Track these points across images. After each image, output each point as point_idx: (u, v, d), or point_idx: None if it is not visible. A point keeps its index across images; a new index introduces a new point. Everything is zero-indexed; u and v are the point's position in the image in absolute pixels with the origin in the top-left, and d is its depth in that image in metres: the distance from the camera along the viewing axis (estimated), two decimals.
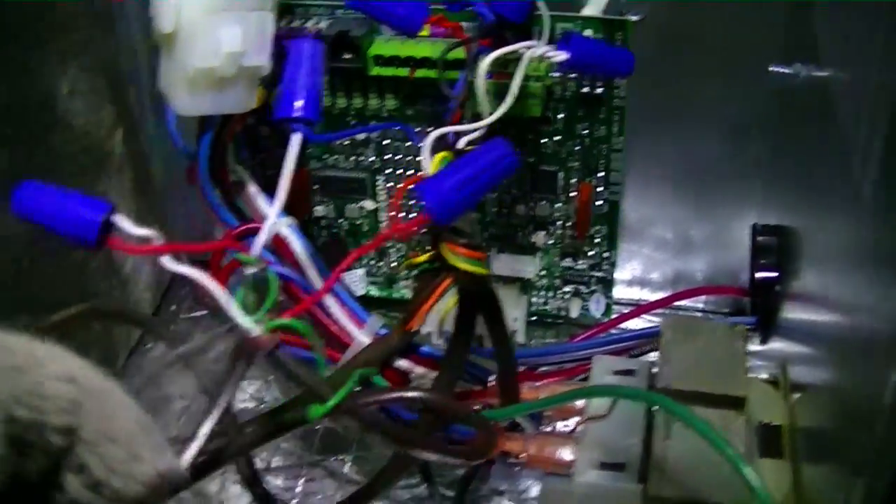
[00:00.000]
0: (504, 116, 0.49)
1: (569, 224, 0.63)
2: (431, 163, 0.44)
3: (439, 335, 0.54)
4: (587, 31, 0.56)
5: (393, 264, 0.67)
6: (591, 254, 0.64)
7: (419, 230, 0.44)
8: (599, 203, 0.62)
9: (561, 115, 0.60)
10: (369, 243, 0.59)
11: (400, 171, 0.63)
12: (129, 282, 0.67)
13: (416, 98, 0.60)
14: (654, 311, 0.65)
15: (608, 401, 0.50)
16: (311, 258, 0.52)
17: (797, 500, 0.47)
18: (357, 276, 0.66)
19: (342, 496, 0.59)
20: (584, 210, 0.62)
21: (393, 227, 0.45)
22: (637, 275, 0.69)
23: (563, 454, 0.49)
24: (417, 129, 0.61)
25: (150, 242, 0.40)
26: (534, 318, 0.67)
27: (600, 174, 0.61)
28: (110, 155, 0.64)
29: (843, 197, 0.44)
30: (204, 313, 0.70)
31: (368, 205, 0.64)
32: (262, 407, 0.64)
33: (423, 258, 0.48)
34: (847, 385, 0.42)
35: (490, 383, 0.53)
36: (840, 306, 0.44)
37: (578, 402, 0.51)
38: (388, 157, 0.63)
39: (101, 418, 0.31)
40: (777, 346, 0.58)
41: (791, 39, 0.57)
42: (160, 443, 0.34)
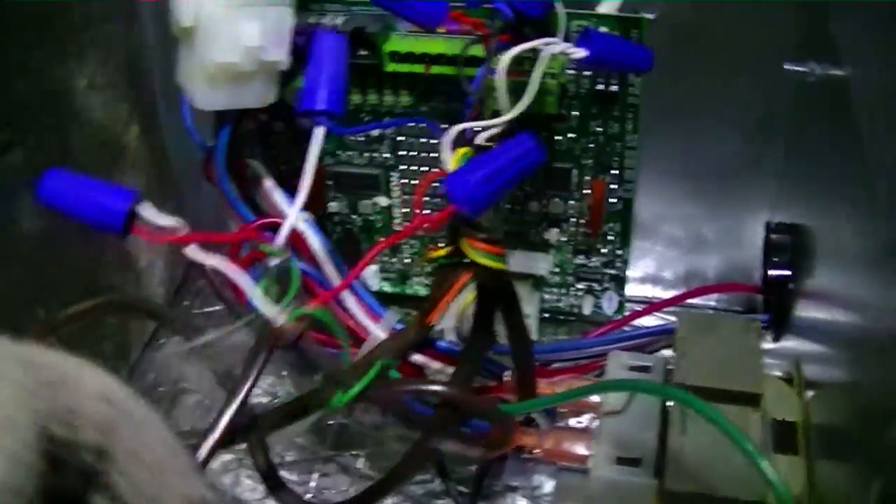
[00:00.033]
0: (520, 113, 0.49)
1: (582, 221, 0.63)
2: (452, 158, 0.45)
3: (456, 332, 0.54)
4: (602, 29, 0.56)
5: (406, 261, 0.67)
6: (604, 251, 0.64)
7: (446, 223, 0.44)
8: (613, 200, 0.62)
9: (575, 113, 0.60)
10: (395, 235, 0.59)
11: (414, 168, 0.63)
12: (143, 276, 0.68)
13: (430, 95, 0.60)
14: (666, 309, 0.65)
15: (624, 396, 0.50)
16: (328, 253, 0.52)
17: (812, 496, 0.47)
18: (370, 272, 0.67)
19: (356, 491, 0.59)
20: (598, 207, 0.62)
21: (420, 220, 0.45)
22: (649, 272, 0.69)
23: (579, 449, 0.50)
24: (433, 131, 0.61)
25: (175, 232, 0.40)
26: (546, 315, 0.67)
27: (614, 171, 0.61)
28: (126, 150, 0.64)
29: (858, 195, 0.44)
30: (217, 308, 0.70)
31: (382, 201, 0.64)
32: (275, 402, 0.64)
33: (441, 253, 0.48)
34: (862, 383, 0.42)
35: (505, 379, 0.53)
36: (854, 305, 0.44)
37: (593, 398, 0.51)
38: (403, 153, 0.63)
39: (132, 440, 0.31)
40: (790, 344, 0.58)
41: (806, 37, 0.57)
42: (189, 468, 0.34)
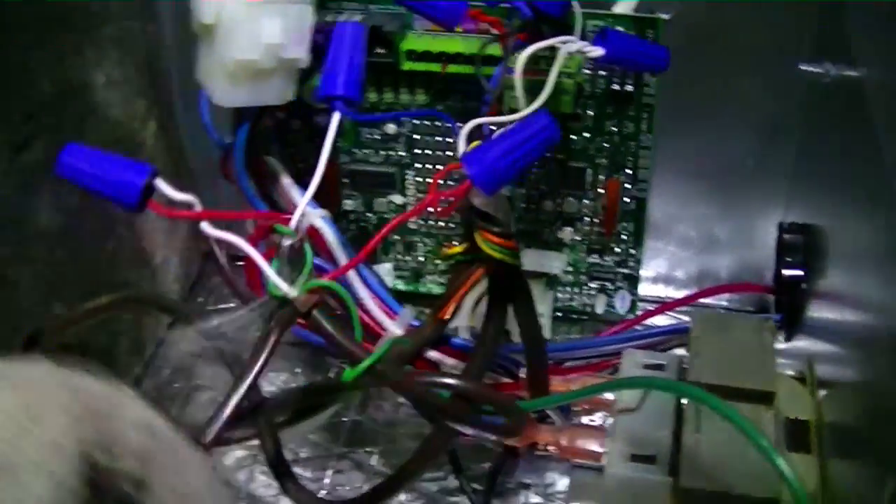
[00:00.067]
0: None
1: (596, 220, 0.64)
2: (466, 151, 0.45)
3: (469, 330, 0.54)
4: (618, 29, 0.57)
5: (420, 259, 0.67)
6: (617, 250, 0.65)
7: (463, 197, 0.44)
8: (627, 200, 0.63)
9: (591, 112, 0.60)
10: (412, 210, 0.60)
11: (430, 167, 0.63)
12: (158, 273, 0.68)
13: (446, 93, 0.60)
14: (678, 309, 0.65)
15: (638, 394, 0.51)
16: (343, 249, 0.52)
17: (825, 495, 0.48)
18: (384, 270, 0.67)
19: (370, 488, 0.60)
20: (612, 207, 0.62)
21: (436, 195, 0.45)
22: (662, 272, 0.69)
23: (594, 446, 0.50)
24: (448, 125, 0.61)
25: (190, 208, 0.40)
26: (559, 314, 0.68)
27: (628, 171, 0.62)
28: (143, 146, 0.64)
29: (872, 196, 0.44)
30: (231, 306, 0.70)
31: (397, 199, 0.65)
32: None
33: (457, 250, 0.49)
34: (874, 383, 0.42)
35: (520, 375, 0.53)
36: (867, 305, 0.45)
37: (607, 396, 0.51)
38: (418, 152, 0.63)
39: (170, 473, 0.32)
40: (802, 343, 0.58)
41: (821, 38, 0.57)
42: (225, 501, 0.34)
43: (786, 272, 0.59)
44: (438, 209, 0.47)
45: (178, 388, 0.67)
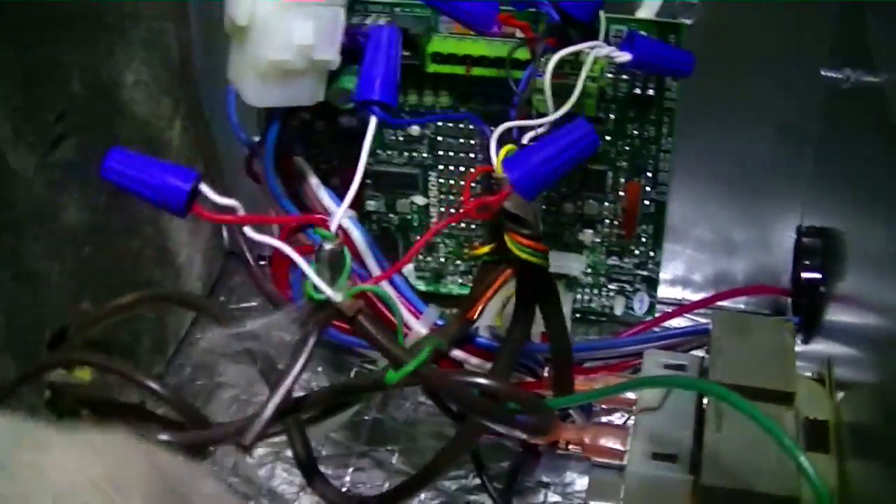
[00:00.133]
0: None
1: (616, 223, 0.64)
2: (498, 154, 0.46)
3: (490, 331, 0.54)
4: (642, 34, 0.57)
5: (441, 260, 0.68)
6: (636, 253, 0.65)
7: (501, 203, 0.45)
8: (646, 203, 0.63)
9: (612, 116, 0.61)
10: (450, 217, 0.61)
11: (452, 168, 0.64)
12: (181, 271, 0.69)
13: (469, 96, 0.61)
14: (696, 311, 0.66)
15: (659, 394, 0.51)
16: (370, 248, 0.53)
17: (843, 495, 0.48)
18: (405, 270, 0.67)
19: (390, 486, 0.60)
20: (632, 209, 0.63)
21: (475, 202, 0.46)
22: (679, 275, 0.69)
23: (617, 444, 0.50)
24: (471, 126, 0.62)
25: (233, 212, 0.41)
26: (578, 315, 0.68)
27: (649, 174, 0.62)
28: (169, 146, 0.65)
29: (891, 200, 0.45)
30: (253, 304, 0.71)
31: (420, 200, 0.65)
32: None
33: (485, 250, 0.49)
34: (893, 384, 0.43)
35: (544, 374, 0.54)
36: (886, 308, 0.45)
37: (629, 395, 0.52)
38: (441, 153, 0.64)
39: None
40: (820, 346, 0.59)
41: (841, 43, 0.58)
42: None
43: (804, 275, 0.60)
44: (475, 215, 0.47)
45: (200, 386, 0.67)
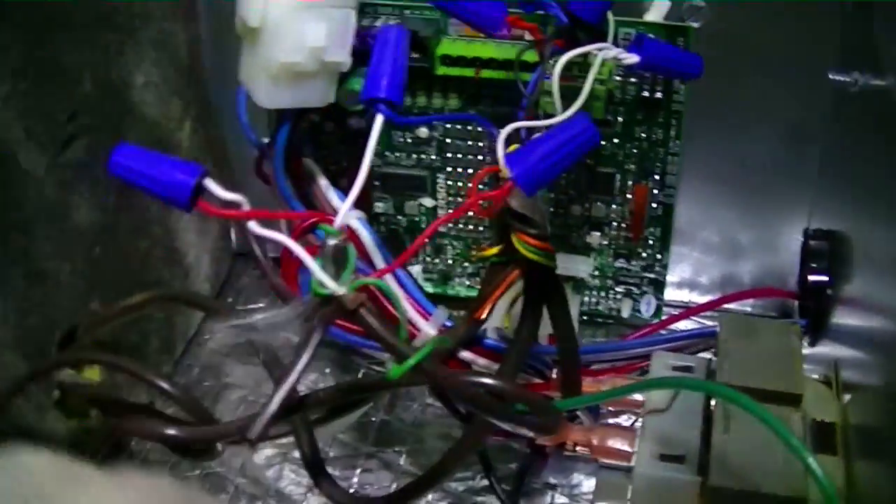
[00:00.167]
0: None
1: (623, 226, 0.64)
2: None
3: (497, 332, 0.55)
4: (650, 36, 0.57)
5: (449, 262, 0.68)
6: (644, 255, 0.65)
7: (505, 197, 0.45)
8: (654, 205, 0.63)
9: (620, 118, 0.61)
10: (454, 211, 0.61)
11: (460, 170, 0.64)
12: (190, 272, 0.69)
13: (478, 98, 0.61)
14: (702, 314, 0.66)
15: (667, 395, 0.51)
16: (379, 249, 0.53)
17: (851, 496, 0.48)
18: (413, 272, 0.67)
19: (397, 487, 0.60)
20: (640, 212, 0.63)
21: (477, 196, 0.46)
22: (686, 277, 0.69)
23: (624, 446, 0.51)
24: (479, 129, 0.62)
25: (238, 207, 0.41)
26: (585, 318, 0.69)
27: (656, 177, 0.62)
28: (178, 147, 0.65)
29: None
30: (261, 306, 0.71)
31: (427, 202, 0.66)
32: None
33: (493, 251, 0.49)
34: None
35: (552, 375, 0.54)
36: (894, 311, 0.45)
37: (637, 397, 0.52)
38: (449, 155, 0.64)
39: None
40: (827, 348, 0.59)
41: (849, 46, 0.58)
42: None
43: (811, 278, 0.60)
44: (479, 211, 0.47)
45: (208, 387, 0.67)
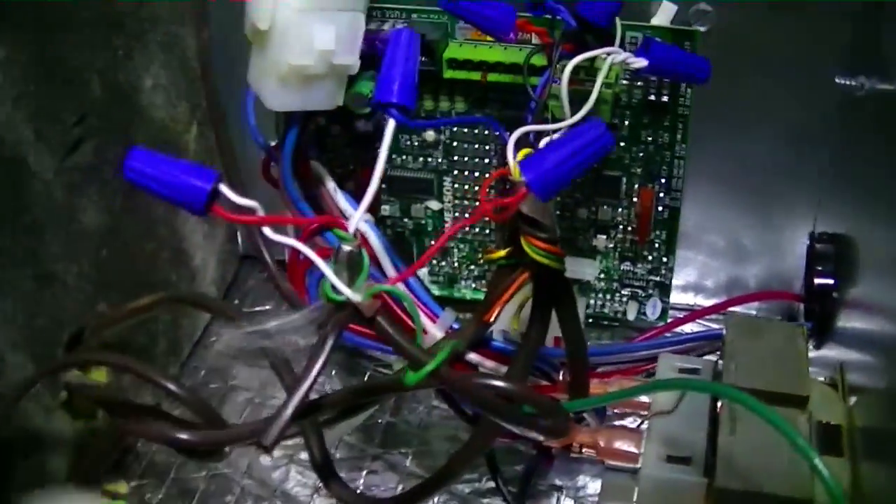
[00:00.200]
0: None
1: (629, 229, 0.64)
2: (516, 158, 0.46)
3: (503, 335, 0.55)
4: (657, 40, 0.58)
5: (455, 264, 0.68)
6: (650, 258, 0.66)
7: (518, 203, 0.45)
8: (660, 209, 0.64)
9: (627, 122, 0.61)
10: (469, 218, 0.62)
11: (467, 173, 0.64)
12: (196, 274, 0.69)
13: (485, 102, 0.61)
14: (708, 316, 0.66)
15: (673, 397, 0.51)
16: (387, 252, 0.53)
17: (856, 498, 0.48)
18: (420, 274, 0.68)
19: (403, 489, 0.60)
20: (646, 215, 0.63)
21: (490, 203, 0.46)
22: (692, 280, 0.70)
23: (631, 447, 0.51)
24: (486, 132, 0.62)
25: (252, 213, 0.41)
26: (591, 321, 0.69)
27: (662, 180, 0.62)
28: (186, 150, 0.65)
29: None
30: (267, 308, 0.71)
31: (434, 205, 0.66)
32: None
33: (501, 254, 0.49)
34: None
35: (560, 377, 0.54)
36: None
37: (643, 399, 0.52)
38: (456, 158, 0.64)
39: None
40: (832, 351, 0.59)
41: (856, 50, 0.58)
42: None
43: (817, 281, 0.60)
44: (491, 215, 0.47)
45: (214, 389, 0.68)
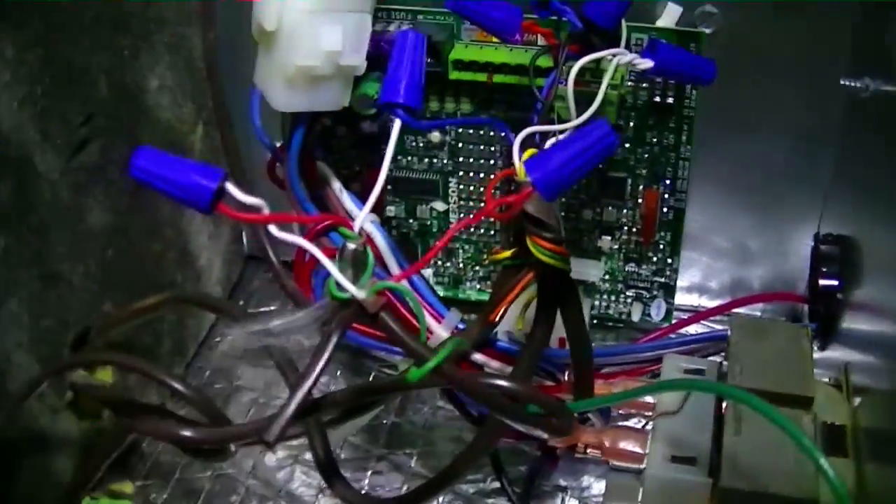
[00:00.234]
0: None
1: (634, 230, 0.65)
2: (521, 159, 0.46)
3: (508, 336, 0.55)
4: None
5: (460, 265, 0.68)
6: (654, 259, 0.66)
7: (523, 202, 0.45)
8: (665, 210, 0.64)
9: (632, 123, 0.61)
10: (474, 216, 0.62)
11: (472, 174, 0.64)
12: (202, 274, 0.69)
13: (490, 103, 0.61)
14: (712, 318, 0.66)
15: (679, 398, 0.51)
16: (392, 252, 0.53)
17: (861, 498, 0.48)
18: (424, 275, 0.68)
19: (408, 489, 0.61)
20: (651, 216, 0.63)
21: (496, 202, 0.46)
22: (696, 282, 0.70)
23: (636, 447, 0.51)
24: (492, 133, 0.62)
25: (258, 211, 0.41)
26: (595, 322, 0.69)
27: (667, 182, 0.63)
28: (191, 151, 0.66)
29: None
30: (272, 309, 0.71)
31: (439, 206, 0.66)
32: None
33: (506, 254, 0.50)
34: None
35: (564, 378, 0.54)
36: None
37: (648, 399, 0.52)
38: (461, 159, 0.64)
39: None
40: (837, 352, 0.59)
41: (861, 52, 0.58)
42: None
43: (822, 282, 0.60)
44: (496, 215, 0.47)
45: (219, 389, 0.68)
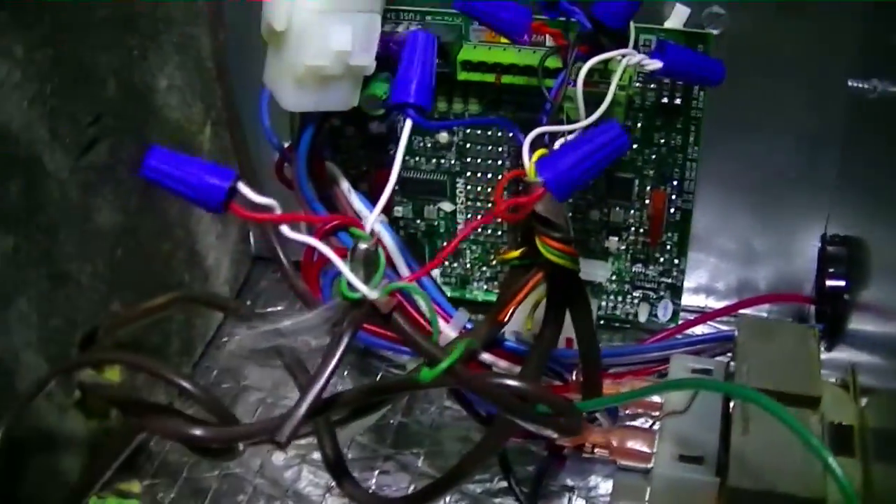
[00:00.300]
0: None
1: (641, 231, 0.65)
2: (531, 159, 0.46)
3: (515, 336, 0.55)
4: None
5: (467, 265, 0.69)
6: (661, 260, 0.66)
7: (535, 203, 0.45)
8: (672, 211, 0.64)
9: (640, 124, 0.61)
10: (484, 217, 0.62)
11: (480, 175, 0.65)
12: (210, 274, 0.69)
13: (499, 104, 0.62)
14: (719, 318, 0.66)
15: (686, 397, 0.51)
16: (401, 252, 0.53)
17: (868, 498, 0.48)
18: (432, 275, 0.68)
19: (415, 489, 0.61)
20: (658, 217, 0.63)
21: (506, 203, 0.46)
22: (703, 283, 0.70)
23: (644, 447, 0.51)
24: (499, 133, 0.63)
25: (270, 211, 0.41)
26: (602, 322, 0.69)
27: (674, 182, 0.63)
28: (200, 151, 0.66)
29: None
30: (279, 309, 0.71)
31: (447, 207, 0.66)
32: None
33: (515, 254, 0.50)
34: None
35: (573, 377, 0.54)
36: None
37: (655, 399, 0.52)
38: (469, 160, 0.64)
39: None
40: (844, 353, 0.59)
41: (869, 54, 0.58)
42: None
43: (829, 283, 0.60)
44: (506, 216, 0.47)
45: (227, 389, 0.68)
